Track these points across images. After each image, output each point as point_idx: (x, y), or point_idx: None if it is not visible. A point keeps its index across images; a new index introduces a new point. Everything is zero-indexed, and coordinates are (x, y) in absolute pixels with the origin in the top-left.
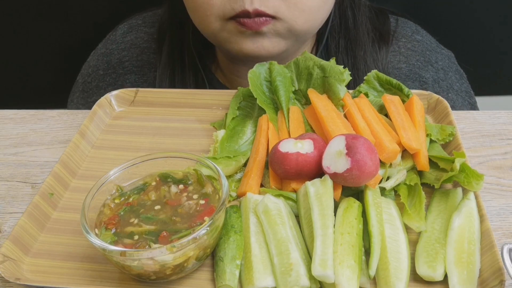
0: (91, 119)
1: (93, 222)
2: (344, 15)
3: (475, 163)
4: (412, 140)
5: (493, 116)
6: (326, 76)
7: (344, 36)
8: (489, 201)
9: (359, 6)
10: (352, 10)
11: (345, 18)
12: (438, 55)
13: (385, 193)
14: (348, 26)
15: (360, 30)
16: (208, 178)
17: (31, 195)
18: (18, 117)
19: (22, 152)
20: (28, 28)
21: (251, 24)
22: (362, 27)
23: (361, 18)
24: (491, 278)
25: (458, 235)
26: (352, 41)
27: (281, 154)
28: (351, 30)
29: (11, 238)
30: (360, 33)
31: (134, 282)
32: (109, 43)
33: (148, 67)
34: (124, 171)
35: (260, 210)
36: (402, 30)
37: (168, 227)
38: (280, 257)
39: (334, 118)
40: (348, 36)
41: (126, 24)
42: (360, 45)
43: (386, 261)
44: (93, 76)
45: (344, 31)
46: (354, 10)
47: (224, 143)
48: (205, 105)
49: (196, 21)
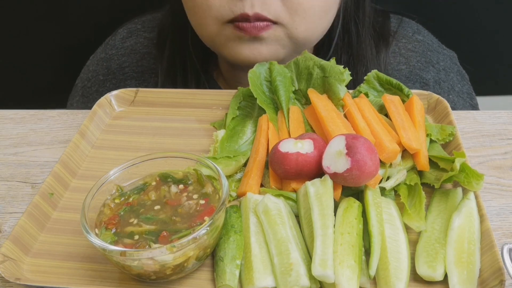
0: (91, 119)
1: (93, 222)
2: (347, 31)
3: (475, 163)
4: (412, 140)
5: (493, 116)
6: (326, 76)
7: (347, 51)
8: (489, 201)
9: (363, 22)
10: (356, 25)
11: (349, 33)
12: (440, 56)
13: (385, 193)
14: (351, 42)
15: (363, 47)
16: (208, 178)
17: (31, 195)
18: (18, 117)
19: (22, 152)
20: (28, 28)
21: (250, 29)
22: (365, 43)
23: (364, 34)
24: (491, 278)
25: (458, 235)
26: (354, 57)
27: (281, 154)
28: (354, 46)
29: (11, 238)
30: (362, 49)
31: (134, 282)
32: (109, 48)
33: (148, 73)
34: (124, 171)
35: (260, 210)
36: (403, 30)
37: (168, 227)
38: (280, 257)
39: (334, 118)
40: (351, 51)
41: (125, 29)
42: (362, 61)
43: (386, 261)
44: (93, 81)
45: (347, 46)
46: (358, 25)
47: (224, 143)
48: (205, 105)
49: (194, 23)
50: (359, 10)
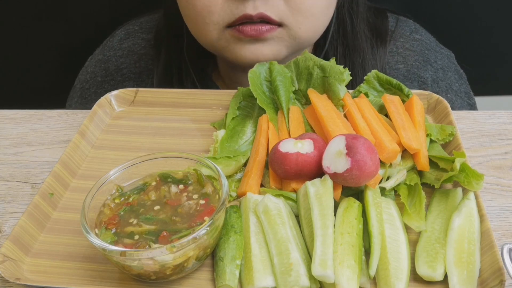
0: (91, 119)
1: (93, 222)
2: (342, 21)
3: (475, 163)
4: (412, 140)
5: (493, 116)
6: (326, 76)
7: (342, 42)
8: (489, 201)
9: (357, 13)
10: (350, 16)
11: (343, 25)
12: (438, 55)
13: (385, 193)
14: (346, 32)
15: (358, 37)
16: (208, 178)
17: (31, 195)
18: (18, 117)
19: (22, 152)
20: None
21: (251, 32)
22: (360, 33)
23: (359, 25)
24: (491, 278)
25: (458, 235)
26: (350, 48)
27: (281, 154)
28: (349, 37)
29: (11, 238)
30: (358, 40)
31: (134, 282)
32: (107, 49)
33: (146, 74)
34: (124, 171)
35: (260, 210)
36: (401, 29)
37: (168, 227)
38: (280, 257)
39: (334, 118)
40: (346, 42)
41: (123, 30)
42: (358, 51)
43: (386, 261)
44: (91, 83)
45: (343, 37)
46: (352, 16)
47: (224, 143)
48: (205, 105)
49: (194, 30)
50: (353, 2)
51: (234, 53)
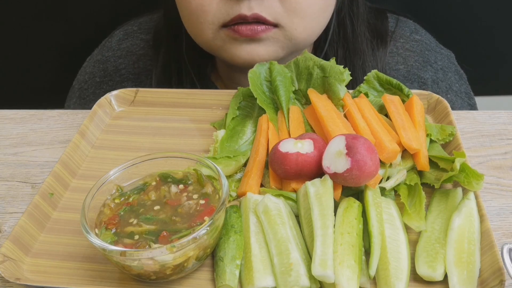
0: (91, 119)
1: (93, 222)
2: (342, 24)
3: (475, 163)
4: (412, 140)
5: (493, 116)
6: (326, 76)
7: (342, 45)
8: (489, 201)
9: (357, 15)
10: (350, 19)
11: (344, 27)
12: (438, 55)
13: (385, 193)
14: (346, 35)
15: (358, 39)
16: (208, 178)
17: (31, 195)
18: (18, 117)
19: (22, 152)
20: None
21: (246, 31)
22: (361, 36)
23: (359, 27)
24: (491, 278)
25: (458, 235)
26: (350, 50)
27: (281, 154)
28: (350, 39)
29: (11, 238)
30: (358, 42)
31: (134, 282)
32: (105, 50)
33: (145, 75)
34: (124, 171)
35: (260, 210)
36: (401, 30)
37: (168, 227)
38: (280, 257)
39: (334, 118)
40: (346, 45)
41: (122, 31)
42: (359, 54)
43: (386, 261)
44: (90, 83)
45: (343, 40)
46: (352, 19)
47: (224, 143)
48: (205, 105)
49: (190, 29)
50: (353, 4)
51: (230, 53)
